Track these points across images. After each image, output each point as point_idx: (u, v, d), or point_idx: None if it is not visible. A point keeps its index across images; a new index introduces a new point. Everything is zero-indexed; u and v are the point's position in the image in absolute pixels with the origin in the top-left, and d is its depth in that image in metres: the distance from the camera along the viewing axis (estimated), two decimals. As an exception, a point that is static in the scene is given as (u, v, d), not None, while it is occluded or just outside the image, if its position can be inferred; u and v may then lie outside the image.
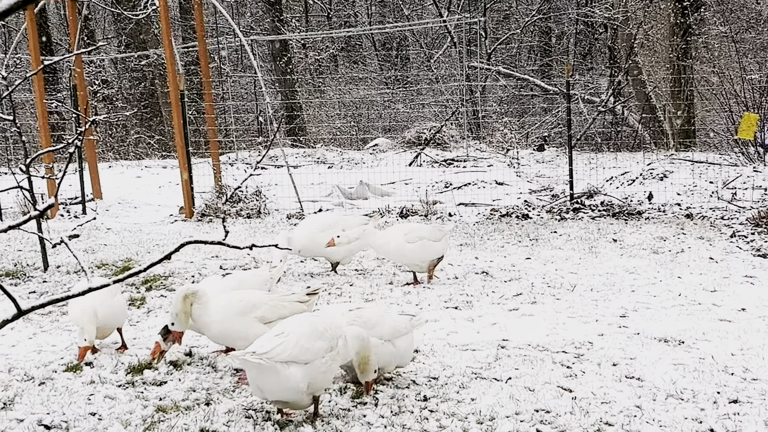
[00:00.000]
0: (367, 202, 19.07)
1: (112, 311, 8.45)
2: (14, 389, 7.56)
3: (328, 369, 6.74)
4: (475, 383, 7.67)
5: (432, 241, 11.41)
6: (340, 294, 11.02)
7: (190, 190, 17.93)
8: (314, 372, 6.64)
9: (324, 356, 6.70)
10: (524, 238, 14.69)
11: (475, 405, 7.15)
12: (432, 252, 11.46)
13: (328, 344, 6.76)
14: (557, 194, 18.75)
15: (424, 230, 11.51)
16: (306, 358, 6.61)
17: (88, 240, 15.19)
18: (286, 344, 6.59)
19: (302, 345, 6.61)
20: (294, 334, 6.68)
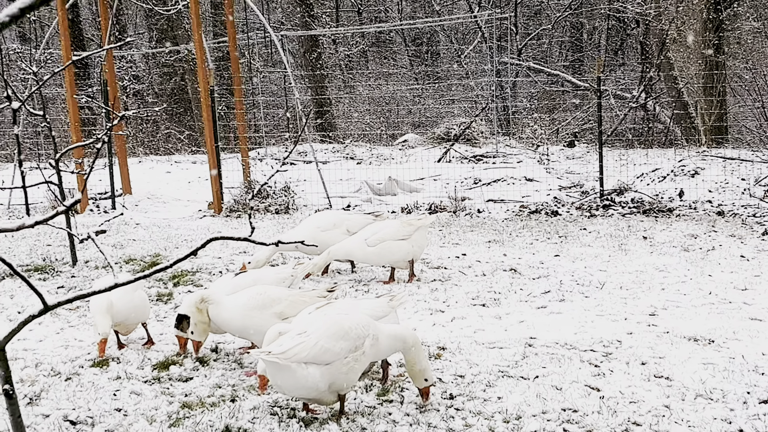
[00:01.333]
0: (396, 198, 19.03)
1: (132, 306, 8.44)
2: (41, 384, 7.58)
3: (350, 369, 6.63)
4: (502, 381, 7.61)
5: (397, 241, 11.11)
6: (366, 291, 10.98)
7: (218, 185, 17.96)
8: (335, 372, 6.55)
9: (347, 356, 6.61)
10: (553, 235, 14.60)
11: (502, 403, 7.10)
12: (400, 253, 11.18)
13: (352, 344, 6.64)
14: (587, 191, 18.62)
15: (388, 230, 11.15)
16: (326, 359, 6.53)
17: (116, 235, 15.25)
18: (305, 344, 6.51)
19: (322, 345, 6.52)
20: (315, 334, 6.59)
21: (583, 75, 34.80)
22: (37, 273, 12.03)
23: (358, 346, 6.69)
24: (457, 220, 16.41)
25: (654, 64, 26.13)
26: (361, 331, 6.74)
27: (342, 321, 6.75)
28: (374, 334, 6.81)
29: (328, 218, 12.09)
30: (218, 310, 7.99)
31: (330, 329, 6.63)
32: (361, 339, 6.71)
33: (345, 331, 6.65)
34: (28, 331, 9.35)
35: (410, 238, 11.19)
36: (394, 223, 11.35)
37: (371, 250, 11.14)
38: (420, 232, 11.29)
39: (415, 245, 11.27)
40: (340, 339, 6.60)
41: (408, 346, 6.83)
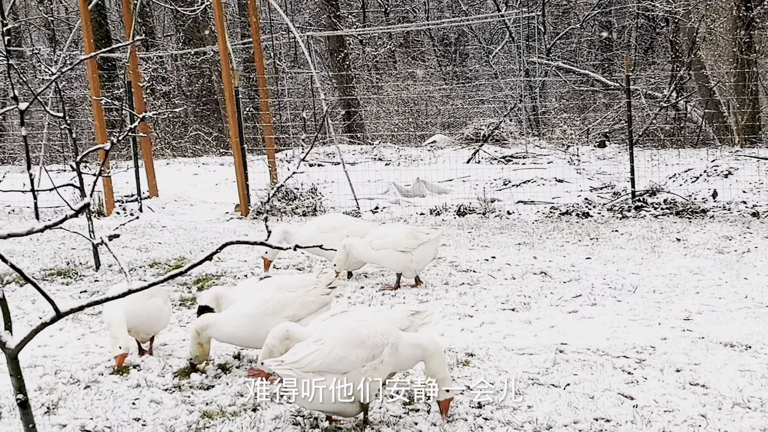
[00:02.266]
0: (424, 200, 18.80)
1: (144, 313, 8.21)
2: (59, 392, 7.42)
3: (369, 377, 6.38)
4: (532, 389, 7.37)
5: (398, 252, 10.78)
6: (393, 295, 10.76)
7: (245, 187, 17.80)
8: (354, 383, 6.32)
9: (364, 365, 6.37)
10: (584, 237, 14.33)
11: (532, 413, 6.87)
12: (398, 264, 10.87)
13: (369, 353, 6.38)
14: (618, 192, 18.32)
15: (391, 238, 10.83)
16: (341, 368, 6.29)
17: (142, 238, 15.12)
18: (319, 353, 6.28)
19: (336, 354, 6.28)
20: (330, 342, 6.35)
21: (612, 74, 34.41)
22: (59, 277, 11.90)
23: (376, 354, 6.43)
24: (486, 222, 16.17)
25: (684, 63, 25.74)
26: (380, 339, 6.48)
27: (358, 328, 6.51)
28: (394, 342, 6.54)
29: (329, 221, 11.94)
30: (218, 328, 7.79)
31: (345, 337, 6.40)
32: (379, 347, 6.45)
33: (362, 338, 6.40)
34: (49, 337, 9.21)
35: (413, 251, 10.86)
36: (401, 231, 11.00)
37: (374, 253, 10.91)
38: (425, 247, 10.93)
39: (416, 260, 10.91)
40: (357, 347, 6.36)
41: (428, 354, 6.58)
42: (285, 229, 11.63)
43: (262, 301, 7.80)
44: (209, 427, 6.68)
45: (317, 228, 11.71)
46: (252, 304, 7.81)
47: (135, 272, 12.19)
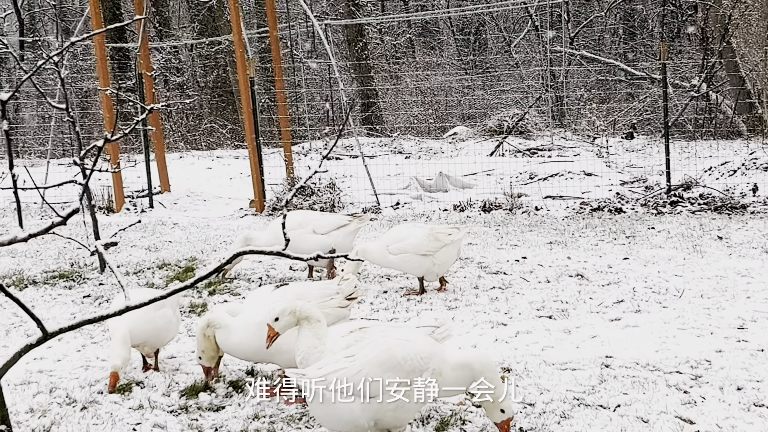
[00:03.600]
0: (447, 195, 17.99)
1: (153, 326, 7.41)
2: (52, 415, 6.67)
3: (400, 407, 5.61)
4: (579, 412, 6.59)
5: (419, 255, 9.99)
6: (419, 300, 9.97)
7: (260, 182, 17.05)
8: (381, 408, 5.57)
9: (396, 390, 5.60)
10: (619, 234, 13.50)
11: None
12: (419, 269, 10.11)
13: (404, 377, 5.59)
14: (651, 186, 17.46)
15: (411, 242, 10.02)
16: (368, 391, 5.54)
17: (152, 237, 14.37)
18: (346, 371, 5.53)
19: (365, 374, 5.51)
20: (361, 360, 5.59)
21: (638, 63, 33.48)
22: (62, 280, 11.16)
23: (413, 381, 5.64)
24: (513, 219, 15.35)
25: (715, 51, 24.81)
26: (419, 363, 5.66)
27: (396, 349, 5.69)
28: (436, 368, 5.72)
29: (293, 217, 10.91)
30: (226, 334, 7.03)
31: (379, 357, 5.61)
32: (416, 372, 5.64)
33: (397, 361, 5.61)
34: (47, 349, 8.46)
35: (435, 254, 10.05)
36: (421, 233, 10.15)
37: (391, 258, 10.12)
38: (447, 249, 10.13)
39: (438, 262, 10.11)
40: (390, 370, 5.57)
41: (476, 373, 5.72)
42: (247, 236, 10.85)
43: (270, 309, 6.99)
44: (218, 458, 5.93)
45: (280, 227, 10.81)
46: (260, 313, 7.01)
47: (143, 274, 11.44)
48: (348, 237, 10.94)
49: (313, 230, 10.62)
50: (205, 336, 7.03)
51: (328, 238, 10.76)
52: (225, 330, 7.02)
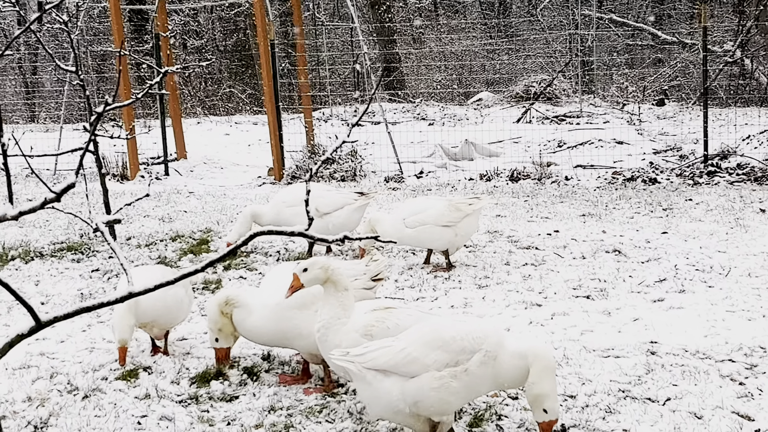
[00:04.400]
0: (473, 164, 17.33)
1: (163, 305, 6.81)
2: (51, 405, 6.13)
3: (444, 388, 5.10)
4: (625, 405, 6.01)
5: (440, 227, 9.39)
6: (447, 278, 9.36)
7: (279, 149, 16.44)
8: (422, 390, 5.08)
9: (441, 371, 5.10)
10: (656, 207, 12.83)
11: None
12: (440, 241, 9.52)
13: (451, 358, 5.12)
14: (686, 155, 16.75)
15: (431, 213, 9.44)
16: (411, 370, 5.10)
17: (166, 206, 13.79)
18: (389, 349, 5.15)
19: (409, 353, 5.11)
20: (405, 340, 5.20)
21: (668, 28, 32.59)
22: (70, 253, 10.58)
23: (461, 361, 5.14)
24: (543, 189, 14.69)
25: (751, 15, 23.94)
26: (468, 344, 5.17)
27: (443, 328, 5.28)
28: (490, 350, 5.17)
29: (295, 194, 10.21)
30: (244, 314, 6.46)
31: (426, 336, 5.21)
32: (466, 353, 5.15)
33: (444, 340, 5.17)
34: (50, 329, 7.91)
35: (457, 225, 9.45)
36: (442, 204, 9.56)
37: (408, 232, 9.49)
38: (469, 219, 9.53)
39: (460, 234, 9.51)
40: (436, 349, 5.14)
41: (529, 362, 5.15)
42: (252, 211, 10.22)
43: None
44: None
45: (282, 203, 10.17)
46: (279, 293, 6.42)
47: (155, 246, 10.87)
48: (355, 214, 10.24)
49: (316, 208, 9.94)
50: (222, 314, 6.45)
51: (334, 218, 10.10)
52: (244, 309, 6.46)
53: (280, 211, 10.08)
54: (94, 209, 12.00)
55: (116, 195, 14.70)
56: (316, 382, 6.59)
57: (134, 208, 13.39)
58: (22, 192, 15.32)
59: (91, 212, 6.31)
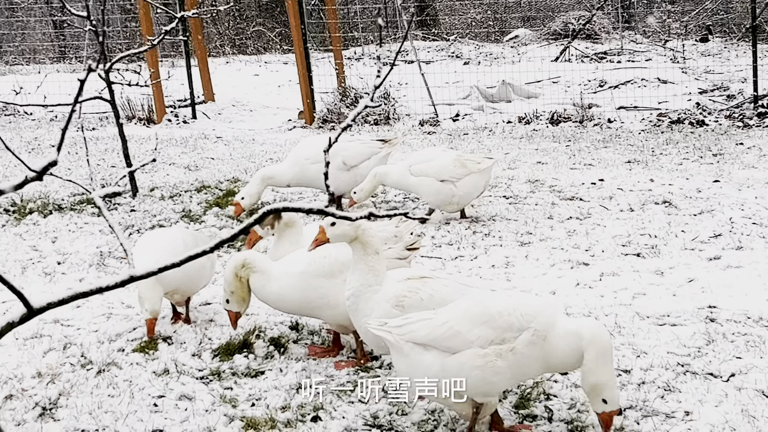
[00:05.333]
0: (511, 105, 16.67)
1: (184, 272, 6.19)
2: (62, 382, 5.67)
3: (490, 368, 4.64)
4: (685, 382, 5.48)
5: (439, 181, 8.86)
6: (487, 233, 8.80)
7: (309, 92, 15.86)
8: (465, 367, 4.65)
9: (485, 348, 4.64)
10: (705, 152, 12.18)
11: (693, 424, 4.99)
12: (438, 196, 8.97)
13: (496, 334, 4.66)
14: (733, 95, 16.01)
15: (434, 164, 8.90)
16: (452, 345, 4.70)
17: (193, 152, 13.28)
18: (430, 322, 4.78)
19: (451, 327, 4.71)
20: (448, 313, 4.77)
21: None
22: (90, 206, 10.10)
23: (507, 339, 4.66)
24: (585, 133, 14.04)
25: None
26: (516, 320, 4.69)
27: (489, 302, 4.83)
28: (540, 329, 4.67)
29: (317, 147, 9.27)
30: (263, 281, 5.96)
31: (471, 310, 4.79)
32: (513, 330, 4.68)
33: (490, 315, 4.71)
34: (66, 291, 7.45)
35: (458, 182, 8.87)
36: (448, 157, 9.00)
37: (412, 180, 8.98)
38: (473, 178, 8.92)
39: (461, 191, 8.93)
40: (481, 324, 4.70)
41: (583, 345, 4.63)
42: (265, 175, 9.46)
43: (315, 257, 5.89)
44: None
45: (305, 159, 9.44)
46: (303, 260, 5.92)
47: (179, 198, 10.37)
48: (380, 164, 9.66)
49: (343, 162, 9.34)
50: (236, 277, 5.96)
51: (363, 170, 9.49)
52: (262, 276, 5.96)
53: (305, 169, 9.40)
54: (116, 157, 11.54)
55: (142, 140, 14.24)
56: (347, 354, 6.11)
57: (159, 154, 12.90)
58: (45, 137, 14.86)
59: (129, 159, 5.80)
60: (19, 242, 8.83)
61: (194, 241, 6.59)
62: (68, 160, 12.59)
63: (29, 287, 7.60)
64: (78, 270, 8.03)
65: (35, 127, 15.99)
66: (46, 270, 8.02)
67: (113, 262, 8.22)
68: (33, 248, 8.62)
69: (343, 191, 9.57)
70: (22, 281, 7.76)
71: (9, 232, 9.20)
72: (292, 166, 9.51)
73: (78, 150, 13.17)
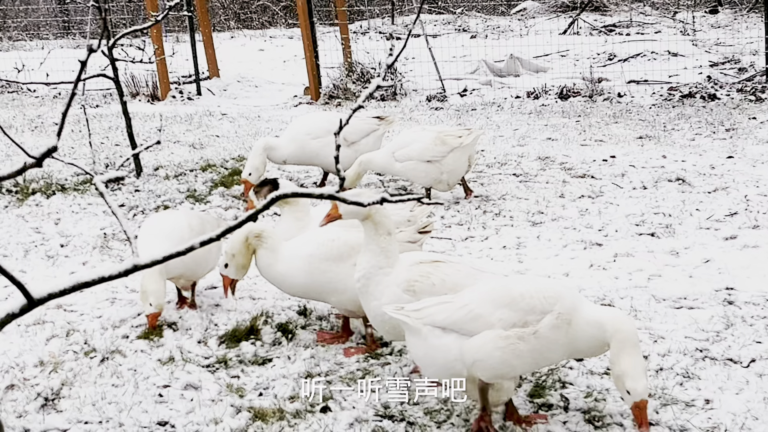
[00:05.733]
0: (519, 80, 16.44)
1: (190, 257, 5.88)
2: (65, 371, 5.53)
3: (511, 350, 4.50)
4: (705, 369, 5.35)
5: (424, 162, 8.71)
6: (497, 213, 8.64)
7: (315, 67, 15.65)
8: (486, 348, 4.52)
9: (507, 331, 4.50)
10: (718, 127, 11.98)
11: (713, 413, 4.85)
12: (425, 178, 8.85)
13: (518, 317, 4.52)
14: (745, 68, 15.77)
15: (416, 147, 8.76)
16: (472, 328, 4.58)
17: (197, 130, 13.10)
18: (450, 305, 4.67)
19: (471, 309, 4.60)
20: (468, 295, 4.71)
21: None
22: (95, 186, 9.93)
23: (530, 322, 4.51)
24: (595, 108, 13.83)
25: None
26: (539, 302, 4.54)
27: (511, 284, 4.73)
28: (564, 312, 4.51)
29: (319, 123, 9.31)
30: (270, 259, 5.81)
31: (493, 293, 4.67)
32: (535, 313, 4.53)
33: (512, 297, 4.58)
34: (69, 275, 7.32)
35: (441, 160, 8.71)
36: (427, 137, 8.83)
37: (398, 166, 8.86)
38: (455, 154, 8.74)
39: (446, 170, 8.76)
40: (503, 306, 4.57)
41: (608, 336, 4.48)
42: (266, 144, 9.22)
43: (324, 240, 5.74)
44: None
45: (306, 134, 9.28)
46: (312, 242, 5.76)
47: (184, 177, 10.21)
48: (378, 142, 9.48)
49: (344, 138, 9.16)
50: (245, 242, 5.81)
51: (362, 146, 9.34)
52: (271, 254, 5.81)
53: (304, 144, 9.22)
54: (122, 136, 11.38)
55: (146, 117, 14.06)
56: (357, 340, 5.96)
57: (164, 133, 12.73)
58: (49, 115, 14.68)
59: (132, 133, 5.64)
60: (22, 224, 8.67)
61: (200, 224, 6.43)
62: (71, 139, 12.41)
63: (32, 271, 7.47)
64: (81, 253, 7.88)
65: (38, 105, 15.81)
66: (49, 253, 7.88)
67: (117, 245, 8.07)
68: (36, 230, 8.47)
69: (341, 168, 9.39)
70: (25, 265, 7.63)
71: (11, 213, 9.04)
72: (290, 143, 9.33)
73: (81, 128, 12.99)
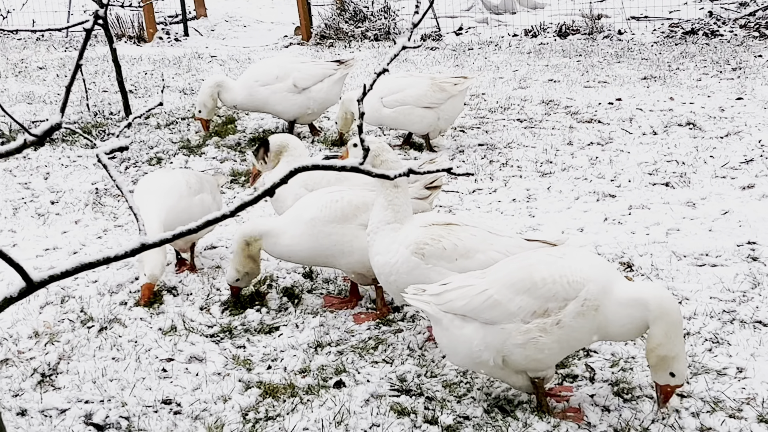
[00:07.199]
0: (516, 17, 16.03)
1: (189, 216, 5.62)
2: (62, 343, 5.24)
3: (533, 345, 4.19)
4: (733, 333, 5.11)
5: (421, 108, 8.48)
6: (504, 163, 8.32)
7: (305, 5, 15.19)
8: (507, 344, 4.23)
9: (529, 321, 4.19)
10: (723, 66, 11.64)
11: (747, 382, 4.60)
12: (420, 124, 8.63)
13: (539, 304, 4.19)
14: (746, 2, 15.37)
15: (412, 92, 8.52)
16: (491, 317, 4.27)
17: (187, 75, 12.68)
18: (468, 290, 4.35)
19: (489, 296, 4.28)
20: (488, 280, 4.35)
21: None
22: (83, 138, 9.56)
23: (551, 310, 4.19)
24: (595, 46, 13.45)
25: None
26: (561, 288, 4.18)
27: (534, 267, 4.30)
28: (590, 298, 4.16)
29: (268, 69, 9.07)
30: (274, 240, 5.52)
31: (513, 276, 4.31)
32: (557, 300, 4.19)
33: (533, 281, 4.23)
34: (61, 235, 7.02)
35: (440, 106, 8.49)
36: (424, 83, 8.57)
37: (386, 112, 8.58)
38: (454, 100, 8.55)
39: (443, 117, 8.59)
40: (522, 293, 4.24)
41: (651, 317, 4.14)
42: (218, 82, 8.93)
43: (327, 202, 5.43)
44: (273, 418, 4.48)
45: (255, 81, 9.00)
46: (314, 205, 5.46)
47: (176, 127, 9.86)
48: (335, 87, 9.16)
49: (294, 84, 8.85)
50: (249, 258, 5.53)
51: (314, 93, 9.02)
52: (271, 237, 5.50)
53: (254, 92, 8.93)
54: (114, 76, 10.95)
55: (133, 60, 13.65)
56: (366, 304, 5.68)
57: (152, 78, 12.34)
58: (32, 59, 14.24)
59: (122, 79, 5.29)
60: (10, 179, 8.33)
61: (199, 183, 6.14)
62: (57, 85, 12.00)
63: (22, 231, 7.15)
64: (73, 210, 7.56)
65: (21, 48, 15.33)
66: (39, 211, 7.55)
67: (110, 201, 7.74)
68: (24, 186, 8.12)
69: (295, 115, 9.16)
70: (15, 224, 7.31)
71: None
72: (242, 89, 9.05)
73: (67, 72, 12.62)
